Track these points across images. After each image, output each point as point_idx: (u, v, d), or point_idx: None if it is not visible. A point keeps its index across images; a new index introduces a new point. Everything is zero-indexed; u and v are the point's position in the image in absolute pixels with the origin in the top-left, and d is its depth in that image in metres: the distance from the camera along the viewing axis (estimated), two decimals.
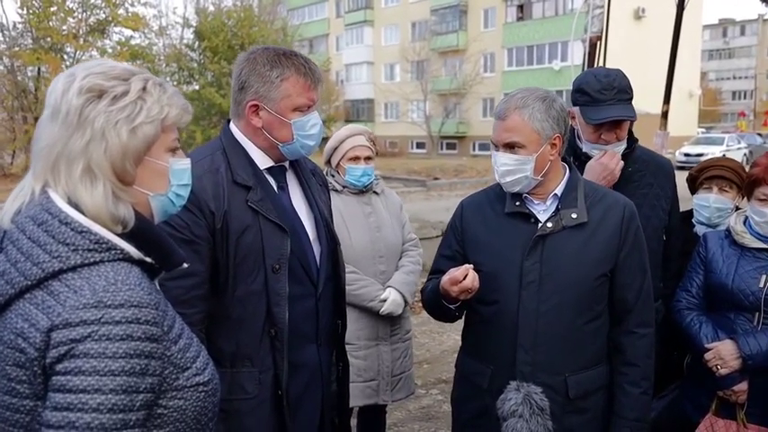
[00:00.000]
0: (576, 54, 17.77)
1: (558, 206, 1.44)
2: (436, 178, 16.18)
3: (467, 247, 1.52)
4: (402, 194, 12.66)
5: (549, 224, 1.41)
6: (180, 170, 0.95)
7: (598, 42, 6.97)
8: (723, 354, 1.66)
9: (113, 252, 0.84)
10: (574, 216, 1.41)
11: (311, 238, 1.42)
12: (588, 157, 1.82)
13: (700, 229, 1.98)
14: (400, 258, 2.25)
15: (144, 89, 0.88)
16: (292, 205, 1.41)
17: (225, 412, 1.25)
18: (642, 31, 24.17)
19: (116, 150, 0.85)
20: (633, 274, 1.45)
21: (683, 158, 18.42)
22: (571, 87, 1.86)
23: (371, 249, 2.16)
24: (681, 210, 1.97)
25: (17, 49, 15.69)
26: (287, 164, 1.43)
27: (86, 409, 0.76)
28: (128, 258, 0.85)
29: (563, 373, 1.40)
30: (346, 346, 2.10)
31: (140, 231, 0.88)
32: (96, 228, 0.83)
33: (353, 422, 2.34)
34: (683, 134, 23.29)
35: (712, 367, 1.68)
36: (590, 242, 1.41)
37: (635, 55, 20.67)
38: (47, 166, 0.85)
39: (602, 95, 1.72)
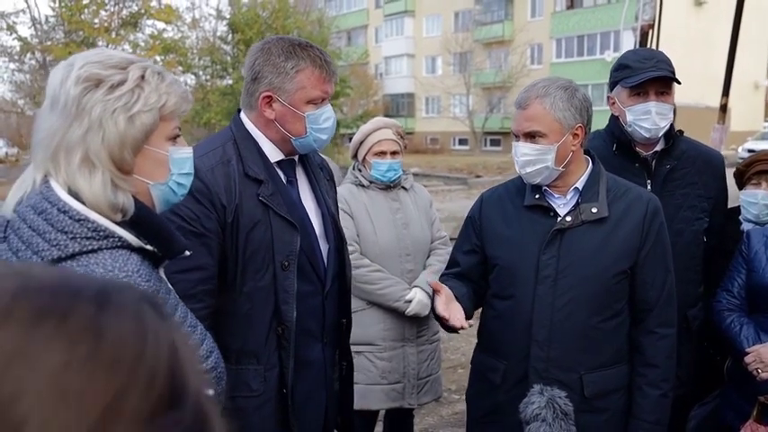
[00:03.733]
0: (629, 44, 16.95)
1: (578, 200, 1.41)
2: (478, 176, 15.93)
3: (485, 241, 1.50)
4: (442, 192, 12.61)
5: (568, 218, 1.39)
6: (181, 159, 0.95)
7: (650, 31, 6.59)
8: (764, 357, 1.58)
9: (111, 240, 0.85)
10: (594, 210, 1.38)
11: (318, 234, 1.40)
12: (632, 151, 1.71)
13: (747, 228, 1.86)
14: (428, 257, 2.21)
15: (142, 78, 0.89)
16: (301, 200, 1.39)
17: (228, 410, 1.25)
18: (703, 18, 22.80)
19: (113, 139, 0.86)
20: (655, 273, 1.40)
21: (747, 155, 17.20)
22: None
23: (398, 247, 2.13)
24: (728, 206, 1.86)
25: (49, 43, 15.80)
26: (296, 157, 1.40)
27: None
28: (127, 246, 0.86)
29: (578, 371, 1.37)
30: (370, 348, 2.11)
31: (140, 219, 0.89)
32: (94, 216, 0.84)
33: (379, 427, 2.33)
34: (747, 129, 21.81)
35: (753, 371, 1.59)
36: (610, 237, 1.38)
37: (695, 45, 19.50)
38: (47, 156, 0.86)
39: (642, 64, 1.67)
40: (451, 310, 1.35)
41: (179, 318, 0.89)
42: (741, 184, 1.92)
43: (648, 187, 1.70)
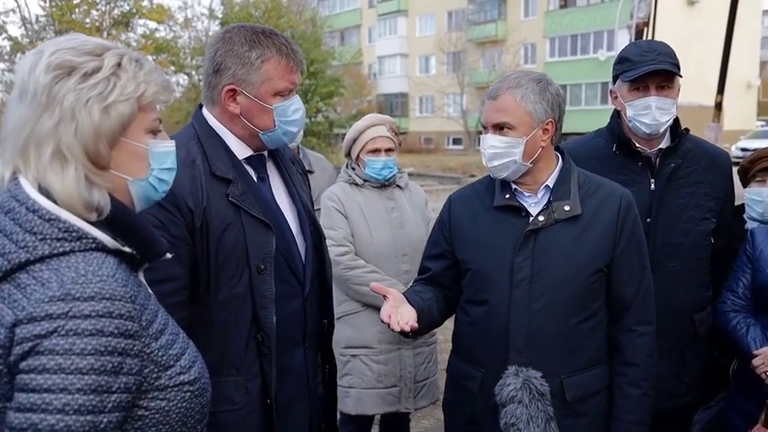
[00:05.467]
0: (623, 43, 17.04)
1: (549, 198, 1.37)
2: (473, 175, 15.97)
3: (455, 244, 1.45)
4: (437, 192, 12.65)
5: (541, 218, 1.34)
6: (162, 153, 0.89)
7: (645, 29, 6.63)
8: None
9: (85, 241, 0.79)
10: (566, 208, 1.34)
11: (295, 232, 1.32)
12: (632, 150, 1.67)
13: (752, 226, 1.82)
14: None
15: (119, 65, 0.83)
16: (274, 198, 1.31)
17: (210, 426, 1.18)
18: (696, 18, 22.93)
19: (87, 131, 0.80)
20: (631, 270, 1.37)
21: (740, 153, 17.49)
22: None
23: (394, 247, 2.08)
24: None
25: (40, 43, 15.94)
26: (266, 153, 1.33)
27: (50, 410, 0.72)
28: (102, 248, 0.80)
29: (558, 375, 1.33)
30: (366, 351, 2.07)
31: (118, 219, 0.83)
32: (66, 215, 0.79)
33: (375, 430, 2.28)
34: (740, 128, 21.98)
35: (761, 374, 1.55)
36: (584, 236, 1.34)
37: (688, 44, 19.56)
38: (16, 151, 0.80)
39: (643, 57, 1.62)
40: (400, 313, 1.30)
41: (159, 325, 0.83)
42: (745, 182, 1.88)
43: (652, 186, 1.65)
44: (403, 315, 1.30)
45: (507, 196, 1.38)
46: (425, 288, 1.47)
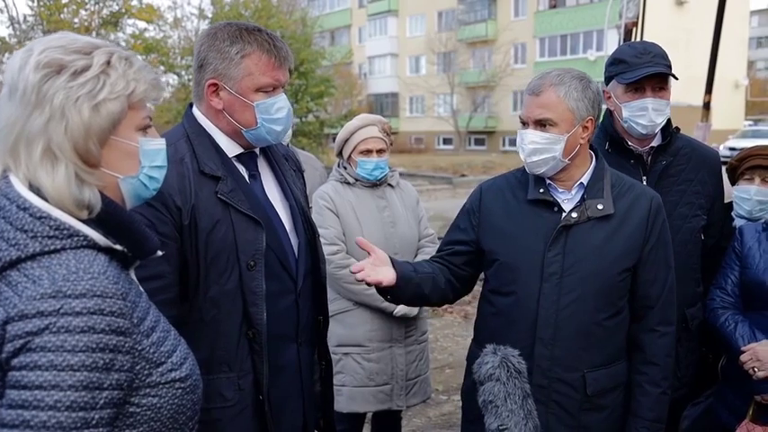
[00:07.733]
0: (612, 43, 17.18)
1: (583, 195, 1.38)
2: (463, 175, 16.03)
3: (482, 234, 1.46)
4: (428, 192, 12.68)
5: (574, 214, 1.36)
6: (152, 150, 0.89)
7: (634, 28, 6.68)
8: (760, 355, 1.55)
9: (76, 239, 0.79)
10: (600, 207, 1.36)
11: (287, 229, 1.32)
12: (624, 148, 1.68)
13: (740, 223, 1.84)
14: (416, 255, 2.16)
15: (108, 63, 0.83)
16: (266, 195, 1.31)
17: (202, 423, 1.17)
18: (684, 18, 23.17)
19: (77, 129, 0.80)
20: (657, 270, 1.39)
21: (728, 153, 17.68)
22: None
23: (385, 246, 2.08)
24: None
25: (28, 43, 15.82)
26: (257, 150, 1.33)
27: (42, 407, 0.72)
28: (93, 245, 0.80)
29: (581, 369, 1.35)
30: (358, 349, 2.07)
31: (109, 217, 0.83)
32: (57, 213, 0.79)
33: (367, 429, 2.29)
34: (728, 127, 22.25)
35: (749, 370, 1.57)
36: (615, 235, 1.36)
37: (677, 44, 19.78)
38: (5, 149, 0.80)
39: (639, 59, 1.64)
40: (376, 271, 1.32)
41: (151, 322, 0.83)
42: (733, 180, 1.90)
43: (644, 184, 1.66)
44: (378, 273, 1.32)
45: (541, 191, 1.39)
46: (432, 266, 1.48)
